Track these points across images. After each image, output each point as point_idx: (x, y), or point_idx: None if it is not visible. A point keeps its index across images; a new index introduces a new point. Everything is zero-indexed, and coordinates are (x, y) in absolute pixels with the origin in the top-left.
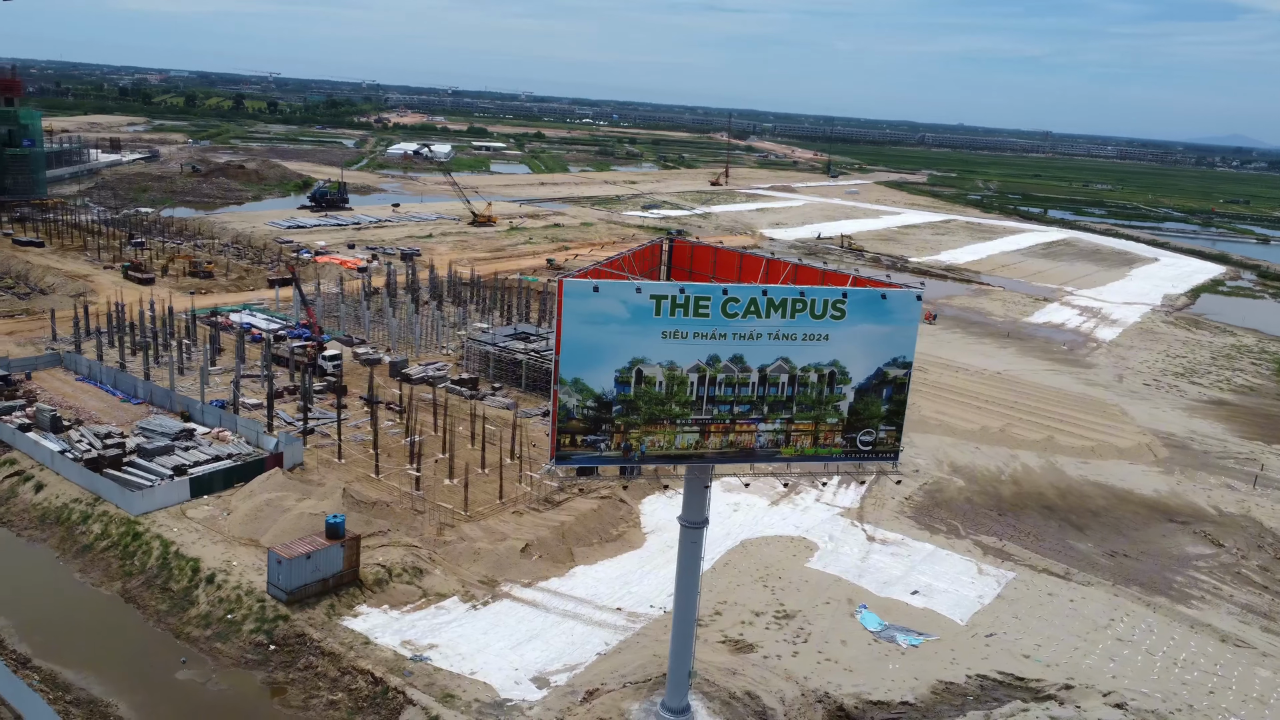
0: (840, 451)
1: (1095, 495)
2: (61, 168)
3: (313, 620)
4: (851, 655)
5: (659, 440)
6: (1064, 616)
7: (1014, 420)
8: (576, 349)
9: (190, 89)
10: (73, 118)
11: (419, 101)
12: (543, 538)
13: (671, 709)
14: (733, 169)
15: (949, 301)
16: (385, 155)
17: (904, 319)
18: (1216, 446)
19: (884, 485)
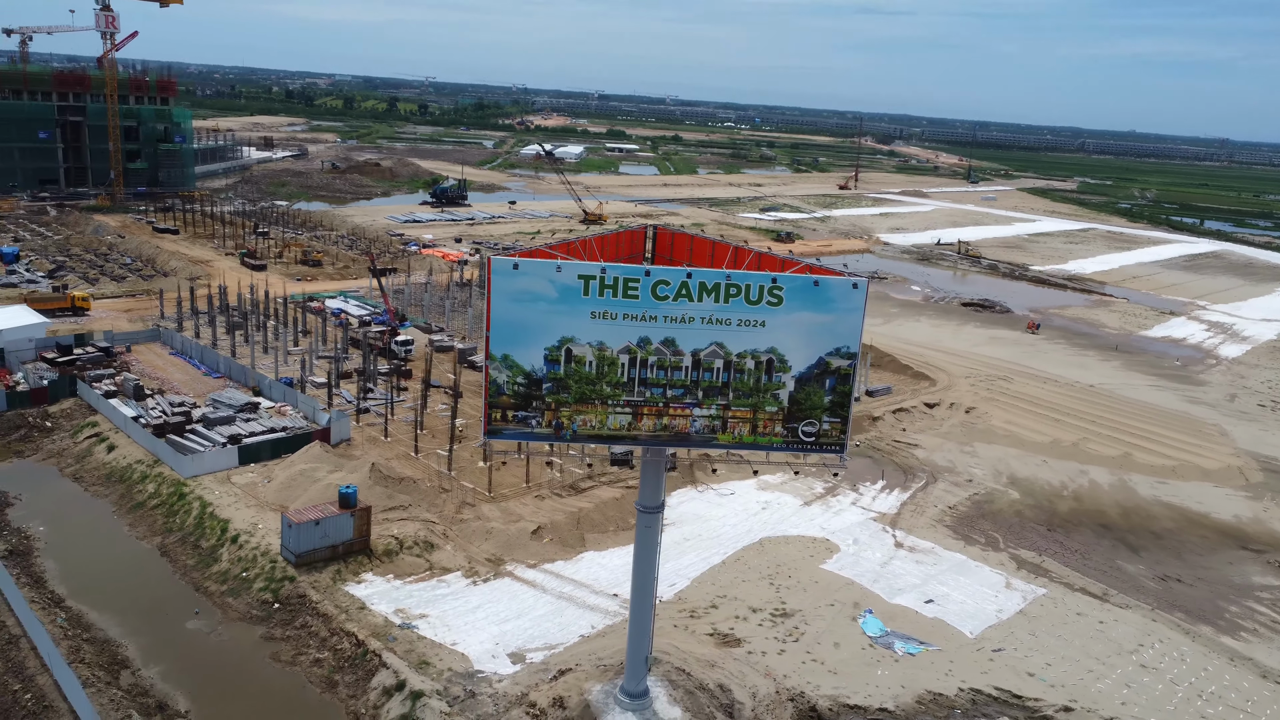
0: (781, 441)
1: (1163, 516)
2: (216, 163)
3: (317, 583)
4: (840, 658)
5: (590, 420)
6: (1086, 638)
7: (1091, 435)
8: (506, 326)
9: (351, 92)
10: (239, 118)
11: (564, 105)
12: (557, 522)
13: (629, 693)
14: (867, 174)
15: (1060, 312)
16: (518, 156)
17: (846, 308)
18: None
19: (930, 493)
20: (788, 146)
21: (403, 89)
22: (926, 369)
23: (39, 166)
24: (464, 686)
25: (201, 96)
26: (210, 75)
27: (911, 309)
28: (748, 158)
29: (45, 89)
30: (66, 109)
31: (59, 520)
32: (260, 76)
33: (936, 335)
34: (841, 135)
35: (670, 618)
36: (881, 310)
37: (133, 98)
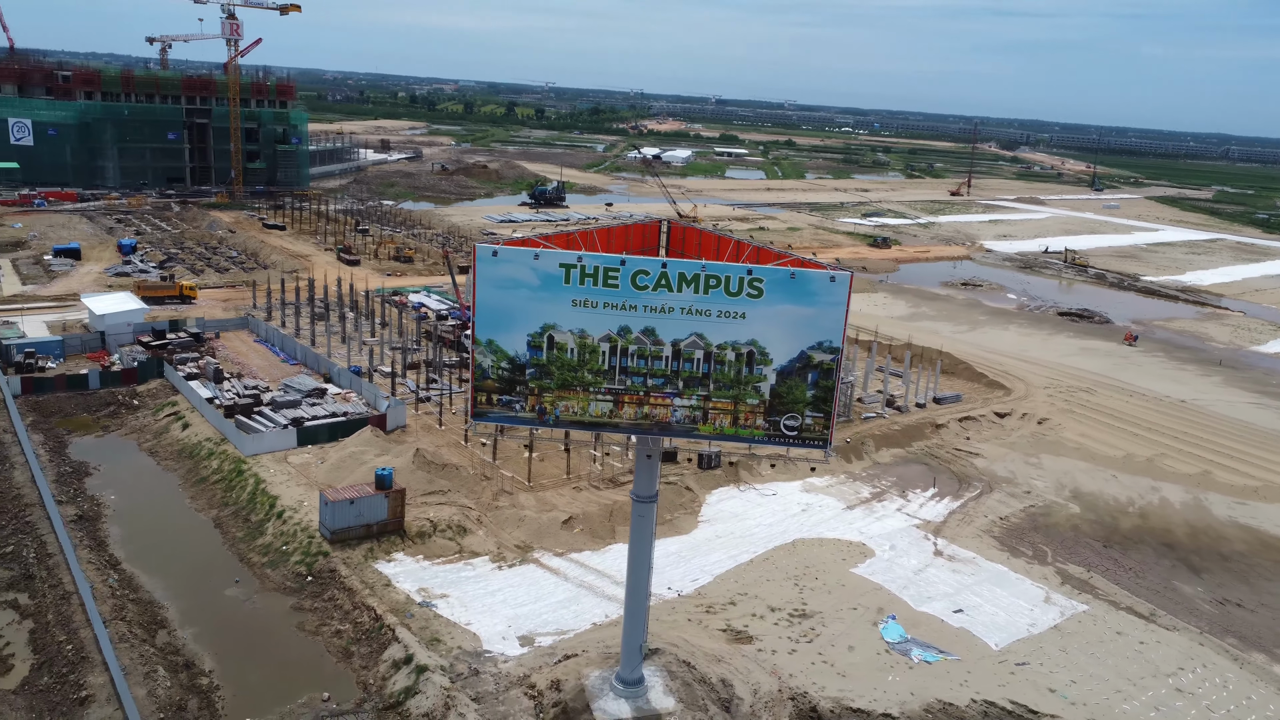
0: (763, 434)
1: (1236, 538)
2: (333, 164)
3: (349, 560)
4: (852, 662)
5: (573, 406)
6: (1122, 658)
7: (1169, 451)
8: (490, 311)
9: (473, 97)
10: (364, 122)
11: (680, 109)
12: (589, 512)
13: (624, 680)
14: (983, 180)
15: (1166, 324)
16: (624, 159)
17: (828, 301)
18: None
19: (983, 502)
20: (904, 152)
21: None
22: (1003, 378)
23: (167, 166)
24: (469, 664)
25: (332, 101)
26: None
27: (1002, 317)
28: (859, 163)
29: (175, 93)
30: (194, 111)
31: (129, 490)
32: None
33: (1023, 344)
34: (963, 141)
35: (687, 612)
36: (969, 318)
37: (254, 101)
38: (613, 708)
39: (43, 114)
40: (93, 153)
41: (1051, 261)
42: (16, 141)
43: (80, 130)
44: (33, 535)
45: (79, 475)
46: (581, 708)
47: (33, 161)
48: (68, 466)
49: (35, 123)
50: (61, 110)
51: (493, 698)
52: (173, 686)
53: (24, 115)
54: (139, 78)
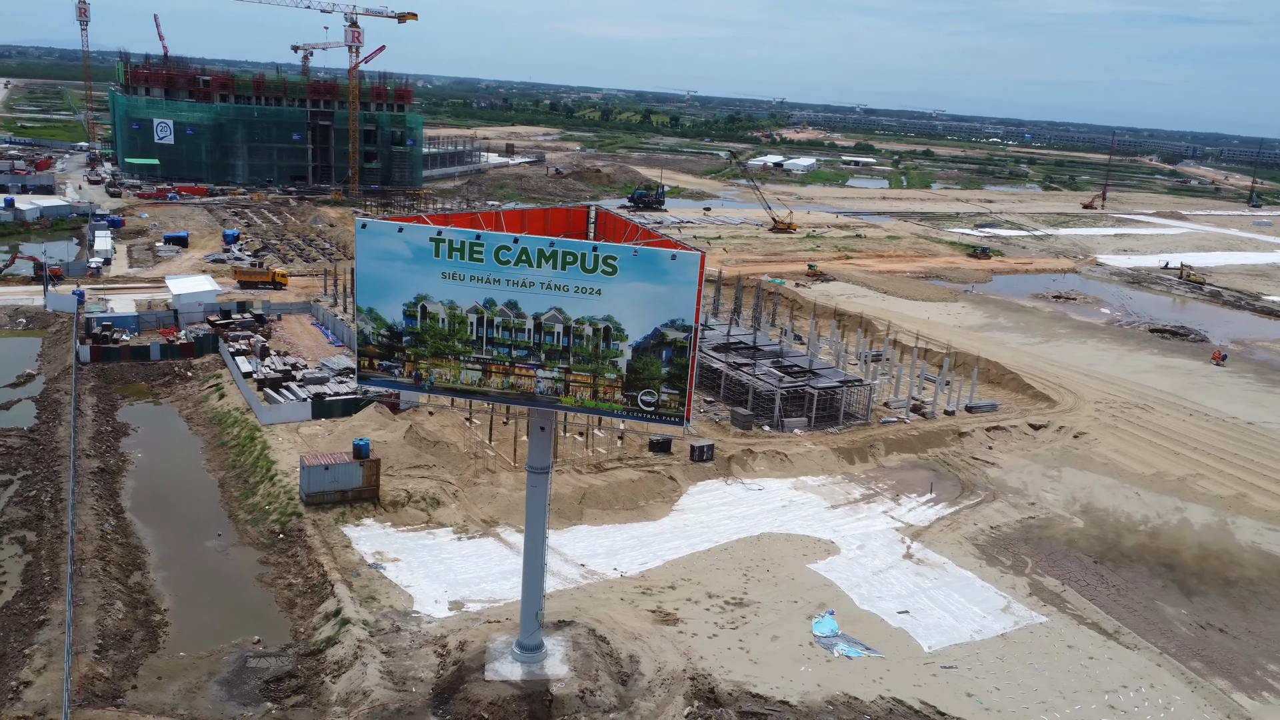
0: (622, 408)
1: (1250, 564)
2: (454, 166)
3: (319, 521)
4: (770, 651)
5: (445, 373)
6: (1062, 670)
7: (1208, 471)
8: (369, 282)
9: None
10: (502, 128)
11: (823, 119)
12: (561, 494)
13: (523, 645)
14: (1130, 194)
15: (1272, 345)
16: (746, 167)
17: (681, 280)
18: None
19: (979, 511)
20: (1050, 164)
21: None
22: (1053, 390)
23: (292, 164)
24: (393, 622)
25: (477, 108)
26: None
27: (1084, 331)
28: (995, 174)
29: (301, 97)
30: (317, 114)
31: (156, 450)
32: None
33: (1095, 359)
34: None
35: (623, 592)
36: (1048, 330)
37: (373, 105)
38: (505, 670)
39: (183, 115)
40: (225, 151)
41: (1165, 277)
42: (160, 140)
43: (215, 130)
44: (54, 483)
45: (117, 435)
46: (476, 667)
47: (173, 158)
48: (109, 426)
49: (176, 123)
50: (199, 112)
51: (403, 653)
52: (125, 619)
53: (167, 116)
54: (269, 82)
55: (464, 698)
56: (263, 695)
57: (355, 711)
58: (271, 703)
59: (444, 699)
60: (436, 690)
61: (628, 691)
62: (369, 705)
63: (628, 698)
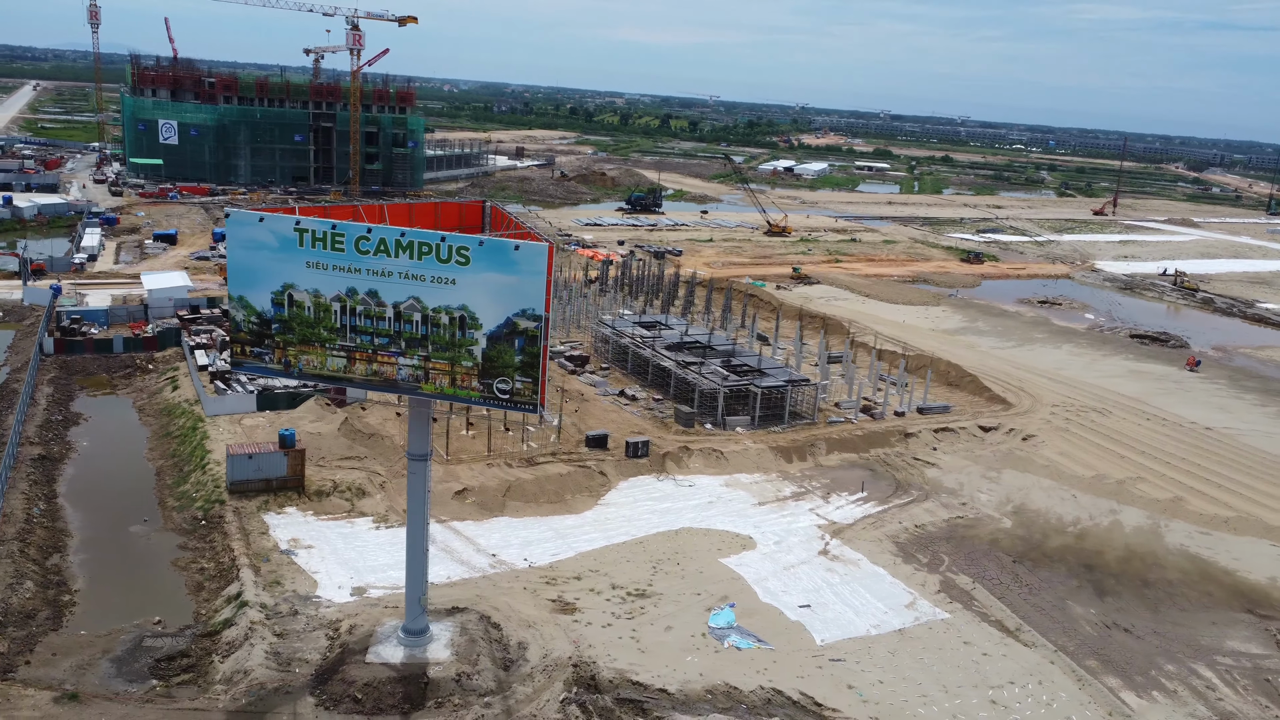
0: (479, 395)
1: (1174, 567)
2: (460, 168)
3: (241, 509)
4: (660, 640)
5: (313, 360)
6: (951, 666)
7: (1148, 475)
8: (240, 270)
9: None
10: (517, 131)
11: (845, 124)
12: (487, 486)
13: (408, 630)
14: (1146, 200)
15: (1255, 352)
16: (756, 171)
17: (530, 271)
18: None
19: (907, 510)
20: (1071, 170)
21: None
22: (1012, 393)
23: (294, 165)
24: (292, 606)
25: (497, 113)
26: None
27: (1062, 335)
28: (1011, 180)
29: (303, 98)
30: (320, 116)
31: (102, 439)
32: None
33: (1065, 363)
34: (1147, 160)
35: (528, 582)
36: (1024, 334)
37: (375, 107)
38: (386, 653)
39: (187, 116)
40: (228, 152)
41: (1159, 284)
42: (165, 141)
43: (218, 131)
44: None
45: (67, 424)
46: (360, 650)
47: (177, 158)
48: (59, 415)
49: (180, 124)
50: (203, 113)
51: (295, 635)
52: (33, 598)
53: (172, 117)
54: (272, 84)
55: (341, 679)
56: (150, 673)
57: (234, 690)
58: (158, 680)
59: (323, 680)
60: (318, 671)
61: (509, 676)
62: (248, 684)
63: (507, 682)
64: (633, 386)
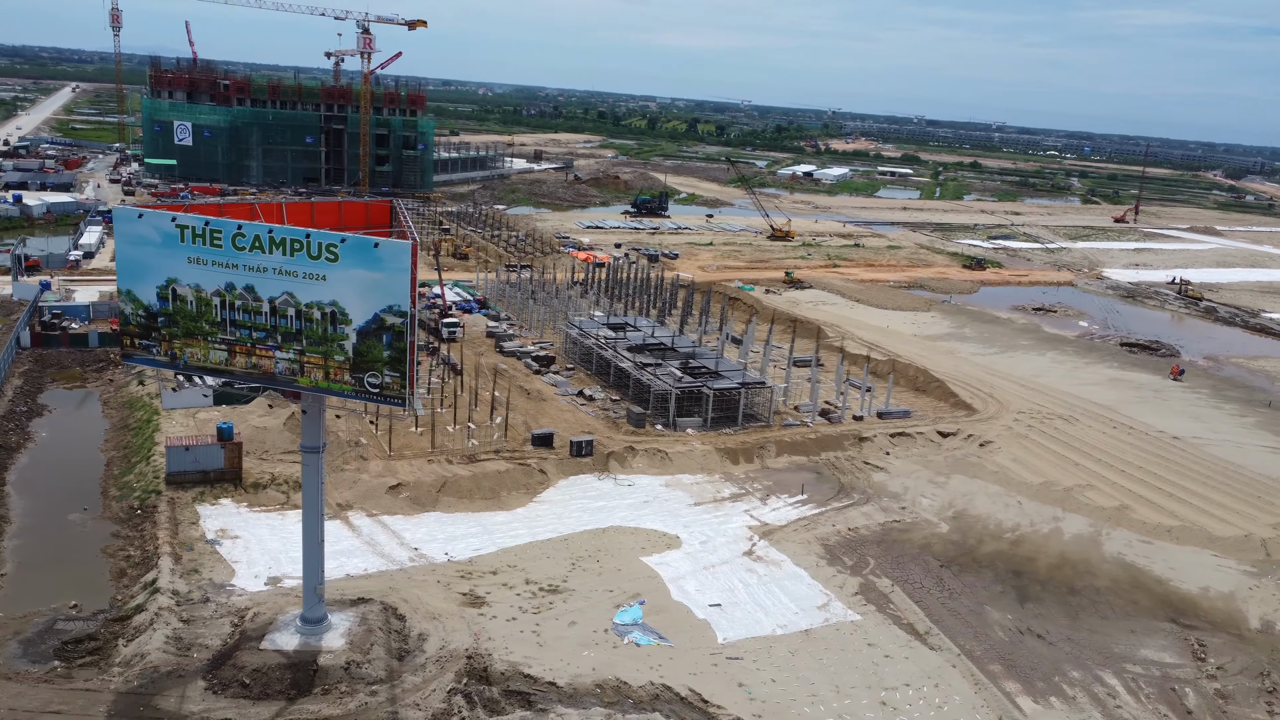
0: (351, 389)
1: (1106, 575)
2: (476, 170)
3: (176, 500)
4: (560, 635)
5: (197, 353)
6: (850, 667)
7: (1098, 482)
8: (127, 265)
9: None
10: (542, 134)
11: (877, 129)
12: (422, 481)
13: (305, 619)
14: (1174, 209)
15: (1248, 362)
16: (775, 176)
17: (395, 268)
18: None
19: (845, 514)
20: (1103, 177)
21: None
22: (979, 399)
23: (305, 166)
24: (205, 594)
25: (526, 116)
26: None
27: (1049, 343)
28: (1036, 187)
29: (315, 101)
30: (331, 118)
31: (62, 430)
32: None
33: (1045, 370)
34: (1185, 167)
35: (442, 575)
36: (1009, 341)
37: (386, 109)
38: (281, 640)
39: (201, 118)
40: (241, 153)
41: (1163, 292)
42: (179, 141)
43: (231, 132)
44: None
45: (30, 415)
46: (257, 637)
47: (191, 159)
48: (24, 407)
49: (195, 125)
50: (216, 114)
51: (202, 621)
52: None
53: (187, 118)
54: (285, 86)
55: (233, 664)
56: (55, 655)
57: (129, 673)
58: (61, 661)
59: (217, 665)
60: (215, 657)
61: (401, 666)
62: (142, 667)
63: (398, 672)
64: (593, 387)
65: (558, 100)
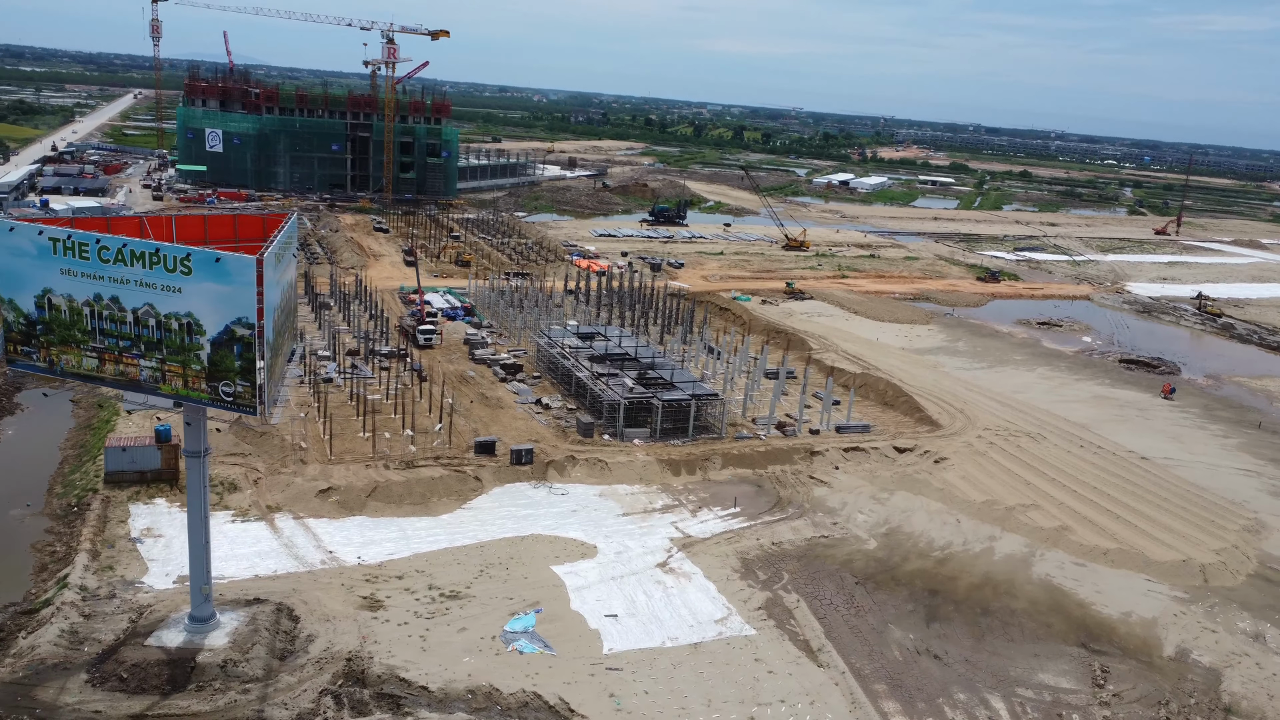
0: (208, 397)
1: (1025, 596)
2: (505, 178)
3: (111, 499)
4: (445, 641)
5: (71, 359)
6: (728, 682)
7: (1046, 502)
8: (6, 276)
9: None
10: (585, 141)
11: (929, 137)
12: (353, 486)
13: (194, 617)
14: (1224, 220)
15: (1250, 381)
16: (810, 185)
17: (243, 282)
18: None
19: (773, 528)
20: (1158, 188)
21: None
22: (946, 415)
23: (331, 173)
24: (113, 590)
25: (574, 123)
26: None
27: (1043, 358)
28: (1082, 197)
29: (341, 109)
30: (356, 126)
31: (30, 428)
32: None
33: (1028, 386)
34: (1250, 178)
35: (347, 578)
36: (1001, 356)
37: (410, 117)
38: (167, 638)
39: (231, 125)
40: (269, 159)
41: (1183, 307)
42: (210, 148)
43: (259, 140)
44: None
45: (1, 414)
46: (146, 633)
47: (221, 165)
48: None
49: (225, 132)
50: (246, 122)
51: (102, 617)
52: None
53: (218, 126)
54: (311, 95)
55: (116, 659)
56: None
57: (19, 664)
58: None
59: (102, 659)
60: (103, 651)
61: (281, 666)
62: (30, 659)
63: (276, 671)
64: (554, 396)
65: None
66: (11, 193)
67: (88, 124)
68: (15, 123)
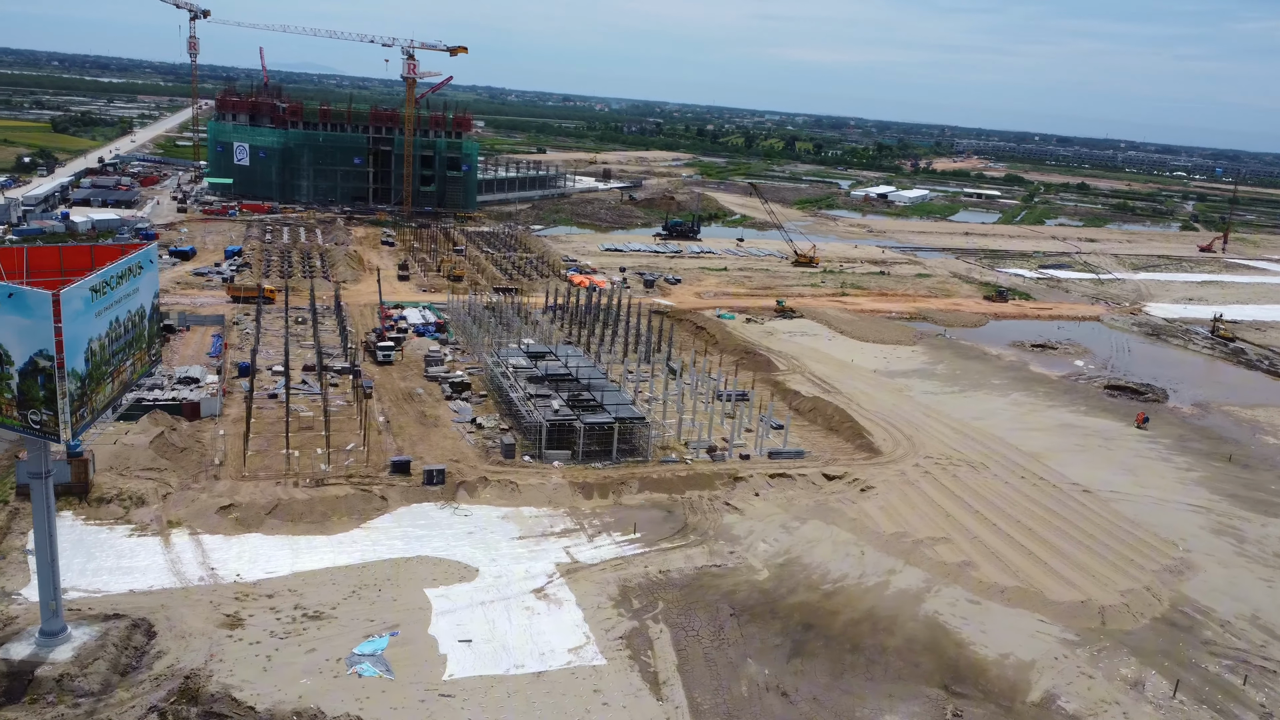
0: (20, 424)
1: (903, 634)
2: (533, 190)
3: (20, 510)
4: (289, 662)
5: None
6: (558, 712)
7: (958, 535)
8: None
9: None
10: (631, 152)
11: (992, 147)
12: (254, 503)
13: (43, 631)
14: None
15: (1237, 410)
16: (849, 198)
17: (42, 315)
18: (1235, 641)
19: (667, 555)
20: (1223, 200)
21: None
22: (889, 441)
23: (353, 186)
24: None
25: (625, 133)
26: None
27: (1020, 383)
28: (1135, 211)
29: (364, 123)
30: (378, 140)
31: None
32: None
33: (993, 413)
34: None
35: (221, 595)
36: (978, 380)
37: (432, 131)
38: (14, 650)
39: (258, 139)
40: (293, 172)
41: (1193, 330)
42: (238, 162)
43: (284, 153)
44: None
45: None
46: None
47: (247, 178)
48: None
49: (252, 146)
50: (271, 136)
51: None
52: None
53: (245, 140)
54: (334, 110)
55: None
56: None
57: None
58: None
59: None
60: None
61: (121, 681)
62: None
63: (113, 686)
64: (492, 415)
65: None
66: (39, 205)
67: (144, 135)
68: (75, 134)
